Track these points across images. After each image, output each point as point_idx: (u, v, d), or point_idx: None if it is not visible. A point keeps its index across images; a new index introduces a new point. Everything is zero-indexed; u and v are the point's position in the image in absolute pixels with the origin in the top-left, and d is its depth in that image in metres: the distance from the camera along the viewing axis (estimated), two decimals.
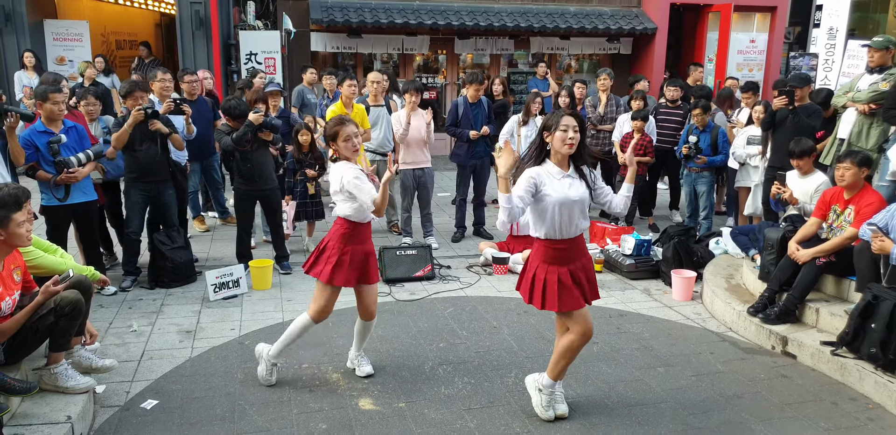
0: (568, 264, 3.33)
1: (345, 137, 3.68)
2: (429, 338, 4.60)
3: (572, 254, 3.36)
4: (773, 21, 12.52)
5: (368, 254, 3.83)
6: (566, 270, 3.32)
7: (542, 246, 3.36)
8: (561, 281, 3.29)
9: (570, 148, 3.22)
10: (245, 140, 5.37)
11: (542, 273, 3.34)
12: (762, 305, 4.69)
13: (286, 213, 6.35)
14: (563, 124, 3.20)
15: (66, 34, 10.63)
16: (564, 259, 3.33)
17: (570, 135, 3.20)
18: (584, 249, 3.45)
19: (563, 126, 3.20)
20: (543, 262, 3.35)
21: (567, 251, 3.33)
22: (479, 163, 6.92)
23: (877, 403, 3.79)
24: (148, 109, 5.20)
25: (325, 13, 10.81)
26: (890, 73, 5.34)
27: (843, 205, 4.60)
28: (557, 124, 3.21)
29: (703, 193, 6.91)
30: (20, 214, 3.26)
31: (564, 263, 3.33)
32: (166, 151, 5.43)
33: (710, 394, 3.89)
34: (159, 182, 5.41)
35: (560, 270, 3.31)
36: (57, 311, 3.34)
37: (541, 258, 3.37)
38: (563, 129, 3.20)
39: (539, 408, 3.55)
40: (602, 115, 7.69)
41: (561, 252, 3.32)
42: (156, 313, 4.95)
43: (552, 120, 3.25)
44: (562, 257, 3.33)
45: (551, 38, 12.13)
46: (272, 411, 3.61)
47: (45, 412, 3.28)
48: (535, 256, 3.41)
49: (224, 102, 5.86)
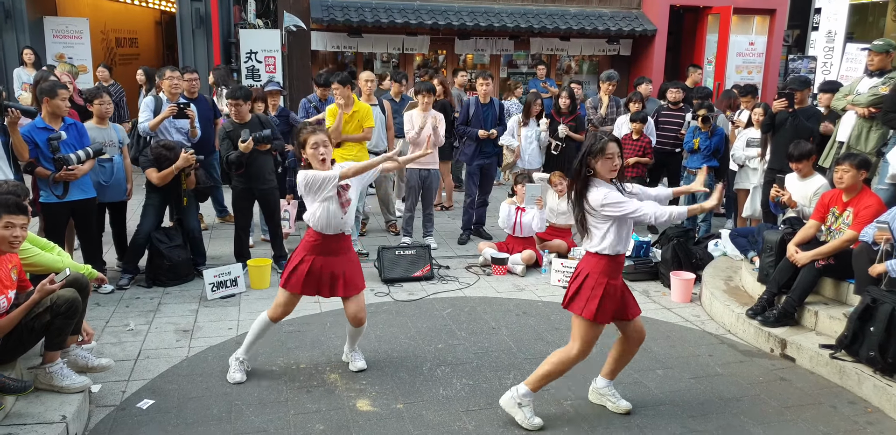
0: (617, 279, 3.44)
1: (312, 144, 3.65)
2: (427, 338, 4.58)
3: (620, 268, 3.47)
4: (772, 24, 12.53)
5: (335, 266, 3.78)
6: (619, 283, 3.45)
7: (606, 260, 3.38)
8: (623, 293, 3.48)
9: (614, 174, 3.31)
10: (241, 163, 5.43)
11: (595, 284, 3.39)
12: (761, 307, 4.68)
13: (288, 212, 6.34)
14: (609, 153, 3.25)
15: (65, 31, 10.61)
16: (616, 273, 3.44)
17: (615, 162, 3.27)
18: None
19: (609, 154, 3.25)
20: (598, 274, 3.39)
21: (619, 266, 3.45)
22: (486, 163, 6.92)
23: (875, 406, 3.78)
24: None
25: (325, 12, 10.80)
26: (889, 77, 5.34)
27: (842, 207, 4.59)
28: (603, 151, 3.25)
29: (700, 196, 6.90)
30: (14, 218, 3.23)
31: (614, 277, 3.42)
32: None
33: (709, 397, 3.88)
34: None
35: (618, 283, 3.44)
36: (53, 309, 3.32)
37: (601, 271, 3.38)
38: (608, 156, 3.25)
39: (525, 422, 3.50)
40: (603, 116, 7.69)
41: (617, 265, 3.43)
42: (153, 312, 4.93)
43: (596, 146, 3.27)
44: (615, 271, 3.43)
45: (551, 39, 12.14)
46: (269, 412, 3.59)
47: (40, 412, 3.26)
48: (596, 269, 3.40)
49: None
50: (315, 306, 5.11)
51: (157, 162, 5.38)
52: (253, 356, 4.09)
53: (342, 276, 3.80)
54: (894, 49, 5.46)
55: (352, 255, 3.91)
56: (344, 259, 3.83)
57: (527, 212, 6.17)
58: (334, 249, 3.79)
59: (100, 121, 5.47)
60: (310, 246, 3.77)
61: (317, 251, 3.76)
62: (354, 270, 3.88)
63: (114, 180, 5.43)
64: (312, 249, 3.76)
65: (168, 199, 5.58)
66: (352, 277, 3.84)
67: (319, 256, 3.76)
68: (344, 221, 3.73)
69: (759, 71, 12.60)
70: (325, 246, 3.76)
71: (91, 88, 5.75)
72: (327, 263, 3.77)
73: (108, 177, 5.39)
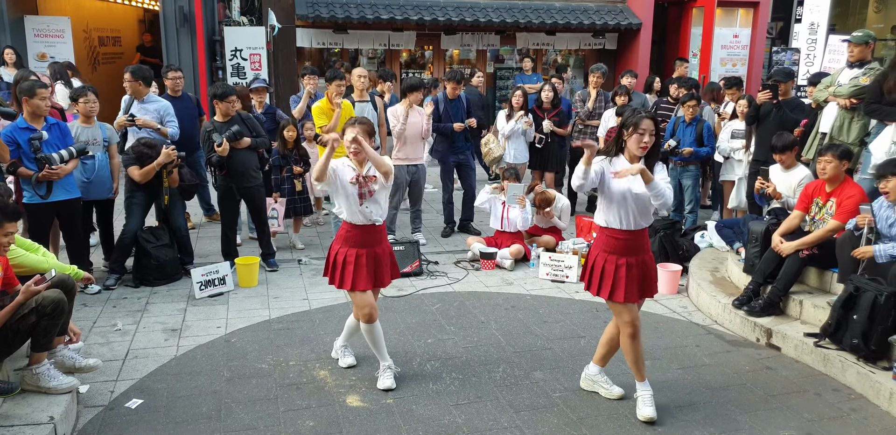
0: (627, 256, 3.43)
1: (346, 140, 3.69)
2: (416, 334, 4.59)
3: (631, 246, 3.45)
4: (755, 16, 12.59)
5: (373, 256, 3.77)
6: (624, 261, 3.43)
7: (604, 235, 3.48)
8: (617, 271, 3.42)
9: (643, 151, 3.31)
10: (223, 164, 5.47)
11: (602, 262, 3.47)
12: (747, 297, 4.73)
13: (276, 210, 6.32)
14: (642, 128, 3.27)
15: (47, 30, 10.48)
16: (623, 249, 3.44)
17: (645, 139, 3.28)
18: (645, 246, 3.51)
19: (642, 129, 3.27)
20: (603, 250, 3.48)
21: (626, 242, 3.44)
22: (461, 158, 6.92)
23: (859, 393, 3.83)
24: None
25: (310, 9, 10.75)
26: (870, 68, 5.39)
27: (825, 198, 4.64)
28: (637, 126, 3.28)
29: (688, 187, 6.94)
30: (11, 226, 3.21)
31: (623, 254, 3.43)
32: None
33: (696, 386, 3.92)
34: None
35: (619, 261, 3.43)
36: (38, 310, 3.30)
37: (601, 247, 3.50)
38: (640, 132, 3.27)
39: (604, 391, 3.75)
40: (591, 110, 7.70)
41: (621, 242, 3.43)
42: (141, 312, 4.91)
43: (631, 120, 3.30)
44: (620, 247, 3.43)
45: (537, 34, 12.14)
46: (259, 409, 3.60)
47: (27, 413, 3.24)
48: (597, 244, 3.54)
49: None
50: (304, 304, 5.11)
51: (138, 160, 5.36)
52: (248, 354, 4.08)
53: (383, 266, 3.80)
54: (874, 40, 5.51)
55: (385, 246, 3.88)
56: (379, 250, 3.81)
57: (512, 208, 6.19)
58: (368, 241, 3.76)
59: (85, 119, 5.44)
60: (342, 238, 3.79)
61: (350, 243, 3.76)
62: (388, 261, 3.87)
63: (96, 177, 5.38)
64: (346, 240, 3.77)
65: (153, 198, 5.56)
66: (386, 268, 3.84)
67: (353, 247, 3.75)
68: (369, 210, 3.71)
69: (744, 63, 12.67)
70: (358, 237, 3.75)
71: (76, 87, 5.69)
72: (367, 255, 3.75)
73: (90, 174, 5.35)
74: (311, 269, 5.91)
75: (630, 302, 3.45)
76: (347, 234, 3.77)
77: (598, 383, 3.78)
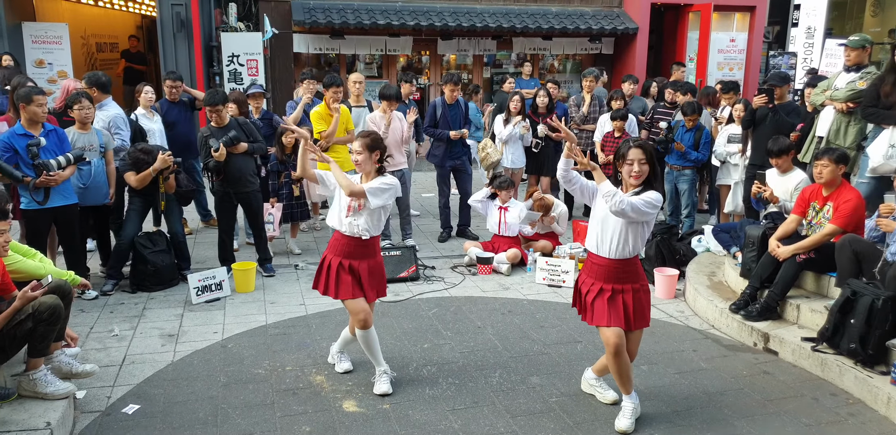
0: (612, 283, 3.37)
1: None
2: (413, 339, 4.59)
3: (613, 275, 3.36)
4: (752, 20, 12.63)
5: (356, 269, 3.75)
6: (610, 287, 3.37)
7: (588, 259, 3.50)
8: (598, 296, 3.38)
9: (636, 179, 3.29)
10: (220, 170, 5.49)
11: (581, 285, 3.51)
12: (744, 302, 4.73)
13: (272, 215, 6.31)
14: (630, 158, 3.26)
15: (45, 37, 10.49)
16: (604, 276, 3.38)
17: (635, 168, 3.26)
18: (633, 276, 3.40)
19: (630, 160, 3.26)
20: (587, 275, 3.48)
21: (607, 269, 3.37)
22: (457, 163, 6.92)
23: (857, 398, 3.83)
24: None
25: (307, 14, 10.76)
26: (867, 72, 5.41)
27: (822, 202, 4.64)
28: (625, 157, 3.28)
29: (684, 191, 6.95)
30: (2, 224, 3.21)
31: (607, 281, 3.38)
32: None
33: (693, 391, 3.91)
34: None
35: (601, 286, 3.38)
36: (35, 316, 3.30)
37: (584, 270, 3.52)
38: (629, 162, 3.27)
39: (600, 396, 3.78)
40: (585, 114, 7.72)
41: (602, 268, 3.39)
42: (137, 317, 4.91)
43: (620, 151, 3.31)
44: (602, 274, 3.39)
45: (533, 39, 12.16)
46: (255, 415, 3.59)
47: (24, 419, 3.24)
48: (583, 268, 3.55)
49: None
50: (300, 309, 5.10)
51: (134, 166, 5.37)
52: (244, 360, 4.07)
53: (367, 281, 3.77)
54: (870, 44, 5.53)
55: (374, 262, 3.81)
56: (364, 265, 3.76)
57: (510, 211, 6.20)
58: (353, 253, 3.73)
59: (81, 126, 5.43)
60: (331, 245, 3.81)
61: (335, 251, 3.76)
62: (375, 279, 3.81)
63: (92, 183, 5.38)
64: (332, 247, 3.79)
65: (150, 205, 5.56)
66: (371, 285, 3.79)
67: (337, 256, 3.74)
68: (354, 223, 3.68)
69: (741, 68, 12.70)
70: (342, 246, 3.74)
71: (71, 94, 5.68)
72: (352, 266, 3.72)
73: (85, 180, 5.34)
74: (307, 274, 5.90)
75: (601, 326, 3.38)
76: (335, 241, 3.79)
77: (595, 387, 3.81)
